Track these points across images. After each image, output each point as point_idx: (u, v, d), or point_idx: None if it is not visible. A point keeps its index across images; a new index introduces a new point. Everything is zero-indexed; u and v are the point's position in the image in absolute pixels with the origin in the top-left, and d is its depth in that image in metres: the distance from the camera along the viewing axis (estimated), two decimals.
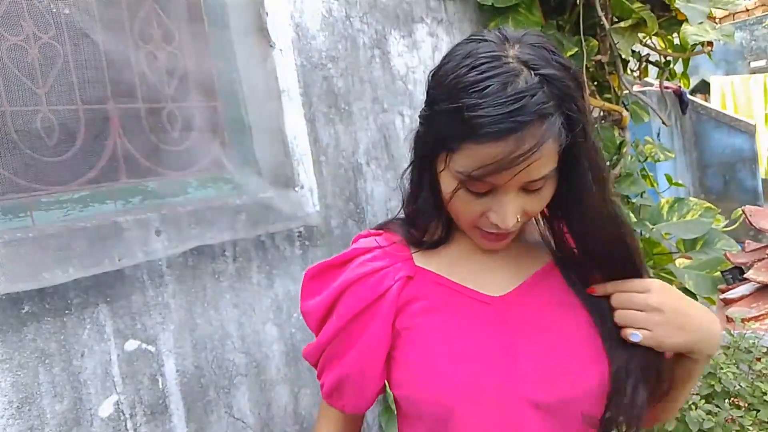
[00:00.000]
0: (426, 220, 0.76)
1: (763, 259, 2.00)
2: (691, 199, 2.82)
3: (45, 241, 1.28)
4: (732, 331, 1.68)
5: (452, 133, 0.63)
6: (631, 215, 2.49)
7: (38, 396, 1.20)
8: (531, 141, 0.60)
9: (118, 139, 1.51)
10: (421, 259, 0.77)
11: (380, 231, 0.81)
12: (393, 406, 1.65)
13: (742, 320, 1.71)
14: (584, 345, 0.71)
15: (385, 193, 2.11)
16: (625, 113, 2.95)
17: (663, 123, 2.75)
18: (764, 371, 1.49)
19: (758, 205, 7.20)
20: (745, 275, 2.02)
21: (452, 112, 0.62)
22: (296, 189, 1.81)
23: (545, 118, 0.60)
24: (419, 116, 0.72)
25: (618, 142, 2.96)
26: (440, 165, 0.68)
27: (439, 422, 0.71)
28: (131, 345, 1.37)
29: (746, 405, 1.52)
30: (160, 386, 1.42)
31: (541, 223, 0.78)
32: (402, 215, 0.81)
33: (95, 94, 1.47)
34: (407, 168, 0.77)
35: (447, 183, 0.68)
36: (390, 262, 0.76)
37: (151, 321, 1.41)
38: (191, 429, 1.48)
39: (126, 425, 1.35)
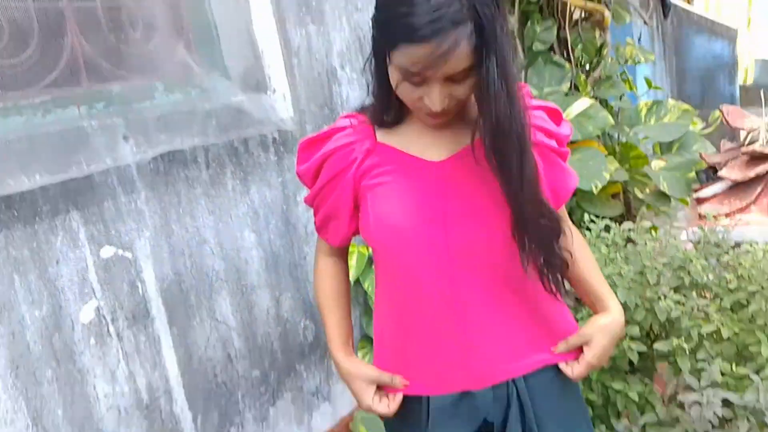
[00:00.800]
0: (385, 104, 0.95)
1: (737, 157, 2.02)
2: (669, 101, 2.81)
3: (6, 147, 1.23)
4: (703, 227, 1.72)
5: (390, 35, 0.82)
6: (610, 117, 2.47)
7: (16, 303, 1.20)
8: (447, 44, 0.77)
9: (76, 40, 1.42)
10: (382, 136, 0.98)
11: (355, 114, 1.01)
12: (372, 306, 1.69)
13: (714, 216, 1.74)
14: (498, 198, 0.91)
15: (361, 98, 2.05)
16: (607, 13, 2.87)
17: (644, 22, 2.68)
18: (731, 263, 1.54)
19: None
20: (718, 173, 2.05)
21: (390, 18, 0.81)
22: (268, 93, 1.75)
23: (459, 24, 0.77)
24: (371, 19, 0.87)
25: (598, 44, 2.89)
26: (388, 60, 0.86)
27: (389, 258, 0.99)
28: (107, 252, 1.36)
29: (712, 295, 1.59)
30: (140, 292, 1.43)
31: None
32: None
33: None
34: (366, 61, 0.94)
35: (393, 75, 0.87)
36: (357, 138, 0.98)
37: (125, 228, 1.39)
38: (174, 333, 1.51)
39: (108, 329, 1.36)
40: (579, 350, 1.01)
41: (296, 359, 1.88)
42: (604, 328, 1.00)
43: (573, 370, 1.01)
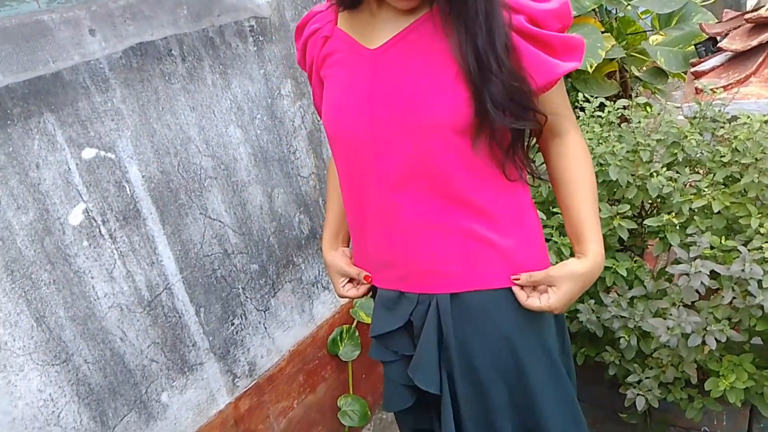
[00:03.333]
0: None
1: (740, 26, 1.93)
2: None
3: None
4: (699, 101, 1.68)
5: None
6: None
7: (1, 208, 1.18)
8: None
9: None
10: (342, 21, 0.97)
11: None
12: None
13: (711, 89, 1.69)
14: (435, 81, 0.86)
15: None
16: None
17: None
18: (726, 136, 1.51)
19: None
20: (718, 44, 1.96)
21: None
22: None
23: None
24: None
25: None
26: None
27: (332, 149, 1.03)
28: (88, 153, 1.33)
29: (706, 170, 1.58)
30: (128, 192, 1.41)
31: None
32: None
33: None
34: None
35: None
36: (322, 24, 1.00)
37: (104, 128, 1.35)
38: (168, 231, 1.51)
39: (100, 231, 1.36)
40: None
41: (293, 252, 1.91)
42: (575, 277, 0.91)
43: (527, 298, 0.94)
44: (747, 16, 1.83)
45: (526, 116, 0.87)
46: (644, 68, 2.84)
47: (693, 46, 2.33)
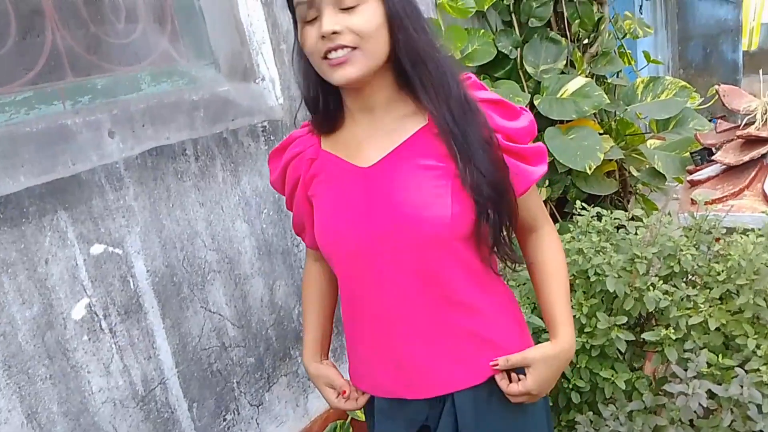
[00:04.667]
0: (317, 105, 0.97)
1: (732, 140, 2.00)
2: (667, 78, 2.76)
3: None
4: (694, 214, 1.72)
5: None
6: (605, 96, 2.44)
7: (6, 304, 1.21)
8: None
9: (57, 33, 1.39)
10: (326, 142, 1.00)
11: (307, 122, 1.03)
12: None
13: (705, 203, 1.74)
14: (435, 193, 0.91)
15: None
16: None
17: None
18: (721, 252, 1.54)
19: (737, 79, 7.13)
20: (712, 157, 2.03)
21: None
22: (257, 81, 1.72)
23: None
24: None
25: (596, 18, 2.83)
26: (297, 30, 0.91)
27: (332, 266, 1.04)
28: (97, 249, 1.36)
29: (702, 283, 1.59)
30: (132, 286, 1.44)
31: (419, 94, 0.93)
32: None
33: None
34: (292, 53, 0.97)
35: (300, 32, 0.89)
36: (303, 149, 1.01)
37: (114, 224, 1.39)
38: (168, 324, 1.52)
39: (101, 325, 1.38)
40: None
41: (291, 344, 1.90)
42: (548, 359, 0.98)
43: (508, 385, 0.99)
44: (738, 132, 1.91)
45: (512, 217, 0.96)
46: (643, 168, 2.91)
47: (689, 153, 2.40)
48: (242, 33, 1.68)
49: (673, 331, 1.46)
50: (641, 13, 5.11)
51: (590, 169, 2.38)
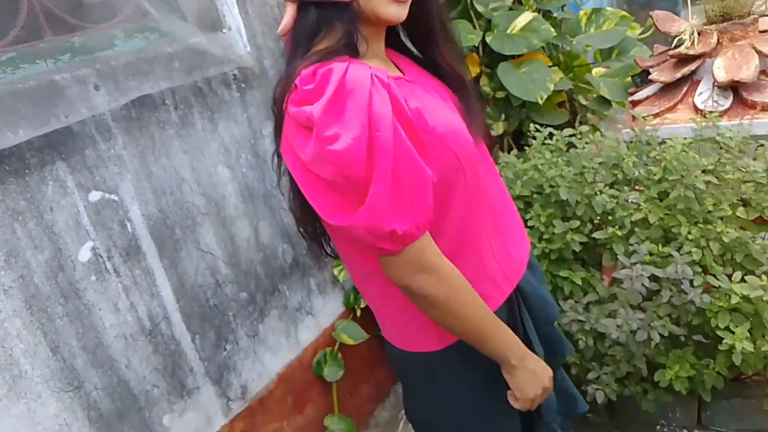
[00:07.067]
0: (350, 31, 0.90)
1: (666, 60, 2.19)
2: (608, 9, 2.93)
3: None
4: (635, 128, 1.91)
5: None
6: (552, 29, 2.59)
7: (20, 249, 1.31)
8: None
9: None
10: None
11: (328, 60, 0.87)
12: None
13: (644, 117, 1.93)
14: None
15: None
16: None
17: None
18: (657, 157, 1.74)
19: (675, 12, 7.37)
20: (650, 77, 2.22)
21: None
22: (224, 31, 1.81)
23: None
24: None
25: None
26: None
27: (461, 158, 0.98)
28: (95, 196, 1.46)
29: (642, 187, 1.80)
30: (130, 230, 1.55)
31: None
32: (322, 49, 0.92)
33: None
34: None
35: None
36: (370, 73, 0.86)
37: (108, 173, 1.49)
38: (166, 264, 1.65)
39: (106, 266, 1.49)
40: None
41: (278, 280, 2.05)
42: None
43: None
44: (671, 52, 2.09)
45: None
46: (590, 97, 3.10)
47: (630, 78, 2.60)
48: None
49: (619, 229, 1.66)
50: None
51: (542, 99, 2.55)
